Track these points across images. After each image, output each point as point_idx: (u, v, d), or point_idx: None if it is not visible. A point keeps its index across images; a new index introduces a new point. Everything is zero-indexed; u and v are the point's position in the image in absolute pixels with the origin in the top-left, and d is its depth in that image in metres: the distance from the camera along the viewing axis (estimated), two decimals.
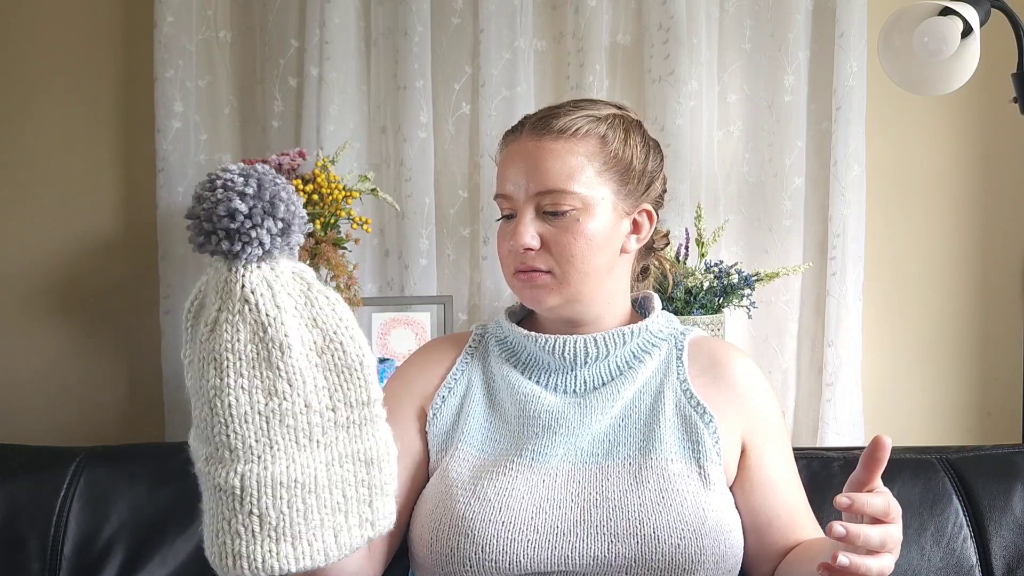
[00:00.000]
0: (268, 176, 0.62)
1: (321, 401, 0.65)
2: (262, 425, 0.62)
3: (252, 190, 0.60)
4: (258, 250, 0.61)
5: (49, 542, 1.21)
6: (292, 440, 0.63)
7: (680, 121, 1.81)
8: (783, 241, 1.86)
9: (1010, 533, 1.19)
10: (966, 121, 1.92)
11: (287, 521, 0.62)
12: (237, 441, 0.61)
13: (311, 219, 1.66)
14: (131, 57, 1.96)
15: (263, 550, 0.61)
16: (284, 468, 0.62)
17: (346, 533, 0.64)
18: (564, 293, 0.98)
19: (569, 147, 0.96)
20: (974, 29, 1.36)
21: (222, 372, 0.62)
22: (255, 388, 0.62)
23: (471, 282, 1.92)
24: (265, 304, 0.62)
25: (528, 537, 0.86)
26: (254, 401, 0.62)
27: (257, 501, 0.61)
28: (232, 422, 0.61)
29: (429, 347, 1.11)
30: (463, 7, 1.88)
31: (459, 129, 1.90)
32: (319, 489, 0.63)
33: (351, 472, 0.65)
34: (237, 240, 0.60)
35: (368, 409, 0.68)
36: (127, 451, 1.31)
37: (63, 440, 1.90)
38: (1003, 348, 1.93)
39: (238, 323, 0.62)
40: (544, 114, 1.00)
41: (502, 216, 1.00)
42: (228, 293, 0.62)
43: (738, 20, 1.87)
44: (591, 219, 0.96)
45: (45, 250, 1.98)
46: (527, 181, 0.95)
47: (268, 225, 0.61)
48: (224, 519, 0.62)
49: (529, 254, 0.96)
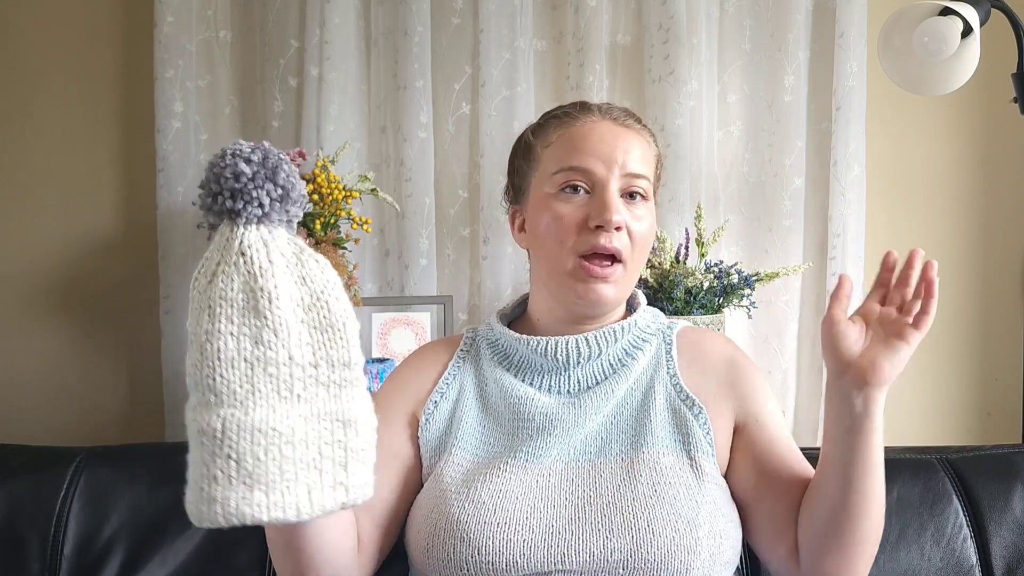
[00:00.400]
0: (273, 150, 0.68)
1: (304, 356, 0.68)
2: (247, 372, 0.65)
3: (257, 157, 0.66)
4: (258, 210, 0.67)
5: (49, 542, 1.21)
6: (274, 390, 0.66)
7: (680, 121, 1.81)
8: (783, 241, 1.86)
9: (1010, 533, 1.19)
10: (966, 121, 1.92)
11: (263, 469, 0.64)
12: (222, 385, 0.65)
13: (311, 219, 1.66)
14: (131, 57, 1.96)
15: (237, 495, 0.63)
16: (264, 416, 0.65)
17: (319, 492, 0.66)
18: (625, 286, 0.97)
19: (644, 139, 1.00)
20: (974, 29, 1.36)
21: (214, 317, 0.66)
22: (243, 335, 0.66)
23: (471, 282, 1.93)
24: (259, 257, 0.67)
25: (523, 537, 0.86)
26: (241, 347, 0.66)
27: (236, 444, 0.64)
28: (219, 365, 0.65)
29: (420, 353, 1.10)
30: (463, 7, 1.88)
31: (459, 129, 1.90)
32: (296, 441, 0.66)
33: (328, 430, 0.68)
34: (239, 199, 0.66)
35: (348, 371, 0.71)
36: (127, 451, 1.31)
37: (63, 440, 1.91)
38: (1003, 348, 1.93)
39: (232, 273, 0.67)
40: (609, 105, 1.01)
41: (565, 188, 0.95)
42: (227, 247, 0.67)
43: (738, 20, 1.87)
44: (651, 211, 0.99)
45: (45, 250, 1.98)
46: (621, 159, 0.94)
47: (268, 188, 0.66)
48: (203, 463, 0.65)
49: (617, 234, 0.93)
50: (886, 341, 0.81)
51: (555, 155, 0.97)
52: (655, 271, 1.64)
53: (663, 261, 1.64)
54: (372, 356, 1.80)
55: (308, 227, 1.66)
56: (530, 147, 1.01)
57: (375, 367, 1.70)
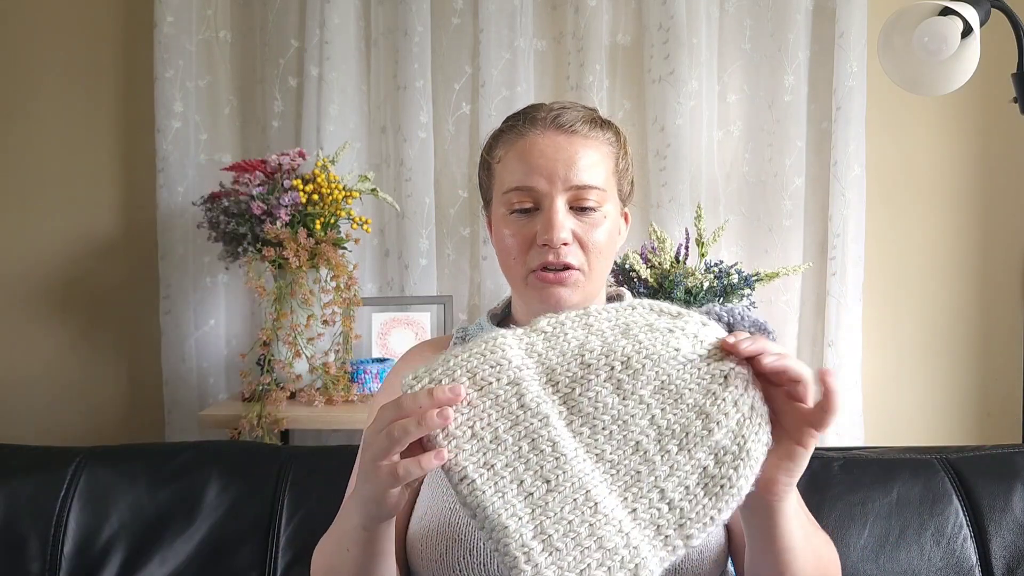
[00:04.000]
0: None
1: (675, 492, 0.67)
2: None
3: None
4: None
5: (49, 542, 1.21)
6: (637, 493, 0.67)
7: (680, 121, 1.81)
8: (783, 241, 1.86)
9: (1010, 533, 1.19)
10: (966, 121, 1.92)
11: (574, 540, 0.65)
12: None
13: (311, 219, 1.66)
14: (131, 57, 1.96)
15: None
16: (604, 495, 0.67)
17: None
18: (587, 290, 0.96)
19: (596, 145, 0.96)
20: (974, 29, 1.36)
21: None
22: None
23: (471, 282, 1.92)
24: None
25: None
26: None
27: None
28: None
29: (410, 356, 1.09)
30: (463, 7, 1.88)
31: (459, 129, 1.90)
32: (601, 541, 0.66)
33: (620, 560, 0.67)
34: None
35: (683, 541, 0.67)
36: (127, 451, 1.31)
37: (63, 440, 1.91)
38: (1003, 348, 1.93)
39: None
40: (558, 111, 0.97)
41: (514, 211, 0.95)
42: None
43: (738, 20, 1.87)
44: (609, 216, 0.96)
45: (45, 250, 1.98)
46: (563, 173, 0.93)
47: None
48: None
49: (565, 249, 0.92)
50: (784, 447, 0.69)
51: (504, 172, 0.96)
52: (655, 271, 1.64)
53: (663, 261, 1.64)
54: (372, 356, 1.80)
55: (308, 227, 1.66)
56: (487, 163, 1.01)
57: (375, 367, 1.70)
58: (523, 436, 0.65)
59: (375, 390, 1.63)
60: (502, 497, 0.63)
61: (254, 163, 1.70)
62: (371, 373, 1.68)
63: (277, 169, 1.69)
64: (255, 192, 1.65)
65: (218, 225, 1.68)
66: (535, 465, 0.64)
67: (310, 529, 1.21)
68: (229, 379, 1.93)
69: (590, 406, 0.67)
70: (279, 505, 1.23)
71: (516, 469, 0.64)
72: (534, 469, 0.64)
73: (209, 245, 1.84)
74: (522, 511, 0.63)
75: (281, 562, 1.21)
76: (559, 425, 0.66)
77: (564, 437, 0.66)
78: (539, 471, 0.64)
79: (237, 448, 1.34)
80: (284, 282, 1.64)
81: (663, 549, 0.64)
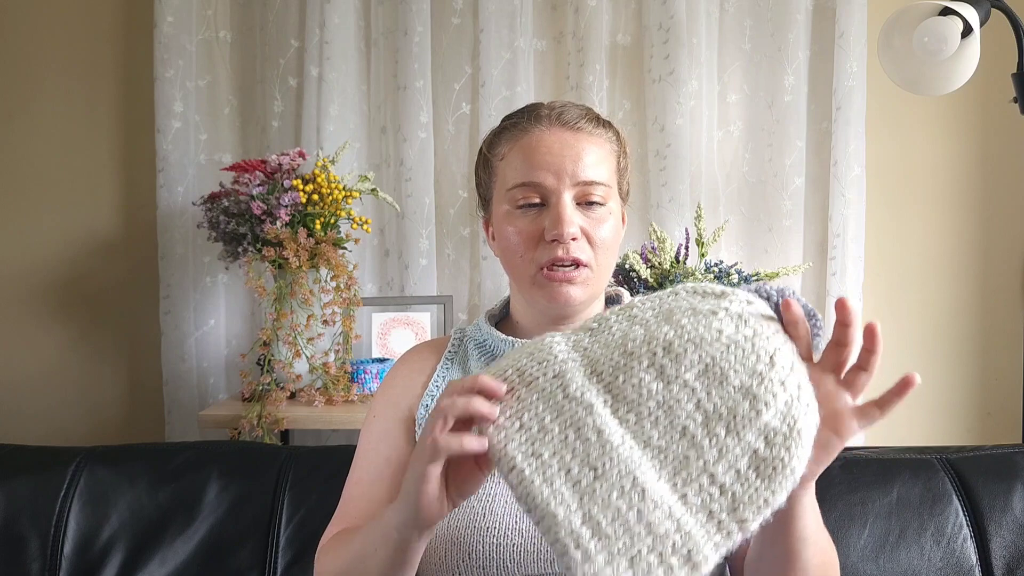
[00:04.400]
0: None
1: (725, 476, 0.66)
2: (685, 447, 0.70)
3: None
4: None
5: (49, 542, 1.21)
6: (683, 473, 0.67)
7: (680, 121, 1.81)
8: (783, 241, 1.86)
9: (1010, 533, 1.19)
10: (966, 121, 1.92)
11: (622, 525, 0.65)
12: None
13: (311, 219, 1.66)
14: (131, 57, 1.96)
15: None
16: (651, 480, 0.67)
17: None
18: (594, 288, 0.96)
19: (600, 142, 0.97)
20: (974, 29, 1.36)
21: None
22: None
23: (471, 282, 1.92)
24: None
25: (513, 541, 0.86)
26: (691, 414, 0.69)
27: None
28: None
29: (408, 357, 1.09)
30: (463, 7, 1.88)
31: (459, 129, 1.90)
32: (648, 527, 0.67)
33: (671, 548, 0.66)
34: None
35: (738, 526, 0.66)
36: (127, 451, 1.31)
37: (63, 440, 1.91)
38: (1003, 348, 1.93)
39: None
40: (560, 109, 0.97)
41: (519, 206, 0.94)
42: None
43: (738, 20, 1.87)
44: (614, 213, 0.96)
45: (45, 250, 1.98)
46: (570, 169, 0.93)
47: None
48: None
49: (574, 244, 0.92)
50: (819, 439, 0.68)
51: (508, 169, 0.96)
52: (655, 271, 1.64)
53: (663, 261, 1.64)
54: (372, 356, 1.80)
55: (308, 227, 1.66)
56: (487, 160, 1.00)
57: (375, 367, 1.70)
58: (569, 425, 0.66)
59: (375, 390, 1.63)
60: (550, 486, 0.64)
61: (254, 163, 1.70)
62: (371, 373, 1.68)
63: (277, 169, 1.69)
64: (255, 192, 1.65)
65: (218, 225, 1.68)
66: (582, 453, 0.65)
67: (310, 529, 1.21)
68: (229, 379, 1.93)
69: (634, 393, 0.67)
70: (279, 505, 1.24)
71: (563, 458, 0.65)
72: (581, 457, 0.65)
73: (209, 245, 1.84)
74: (570, 499, 0.63)
75: (281, 562, 1.21)
76: (604, 413, 0.66)
77: (610, 425, 0.66)
78: (586, 459, 0.64)
79: (237, 448, 1.34)
80: (284, 282, 1.64)
81: (717, 534, 0.63)
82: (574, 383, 0.68)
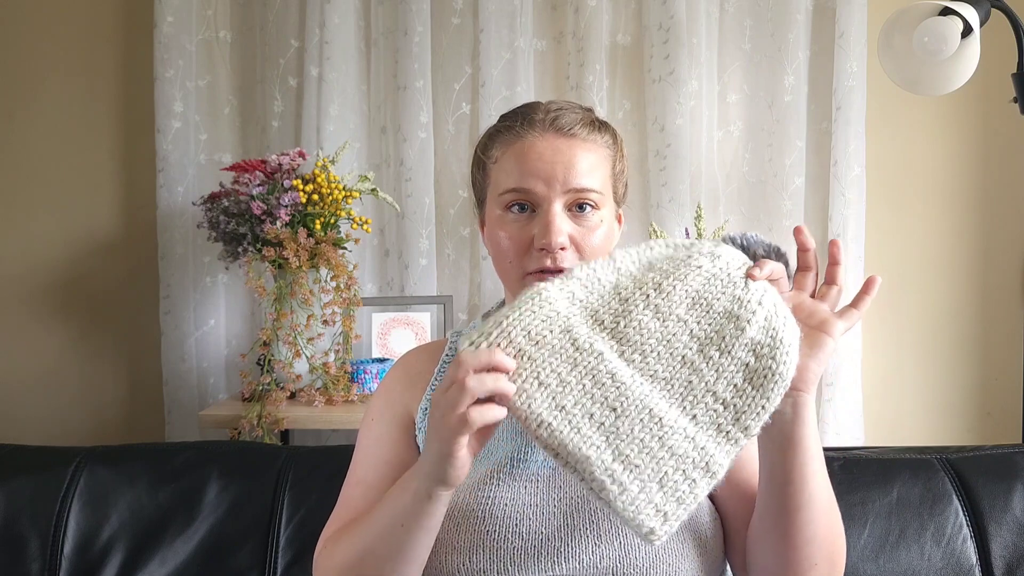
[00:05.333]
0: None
1: (726, 393, 0.76)
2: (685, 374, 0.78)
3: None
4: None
5: (49, 542, 1.21)
6: (686, 398, 0.76)
7: (680, 121, 1.81)
8: (783, 241, 1.86)
9: (1010, 533, 1.19)
10: (966, 121, 1.92)
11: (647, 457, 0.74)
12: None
13: (311, 219, 1.66)
14: (131, 57, 1.96)
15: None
16: (664, 408, 0.75)
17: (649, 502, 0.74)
18: None
19: (594, 148, 0.95)
20: (974, 29, 1.36)
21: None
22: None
23: (471, 282, 1.92)
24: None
25: (513, 544, 0.86)
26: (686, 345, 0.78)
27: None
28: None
29: (406, 360, 1.08)
30: (463, 7, 1.88)
31: (459, 129, 1.90)
32: (668, 449, 0.75)
33: (691, 463, 0.75)
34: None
35: (742, 433, 0.76)
36: (127, 451, 1.31)
37: (63, 440, 1.91)
38: (1003, 348, 1.93)
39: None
40: (556, 113, 0.96)
41: (510, 209, 0.93)
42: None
43: (738, 20, 1.87)
44: (606, 220, 0.95)
45: (45, 250, 1.98)
46: (561, 176, 0.91)
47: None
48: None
49: (562, 254, 0.91)
50: (809, 338, 0.78)
51: (500, 173, 0.95)
52: None
53: None
54: (372, 356, 1.80)
55: (308, 227, 1.66)
56: (482, 162, 1.00)
57: (375, 367, 1.70)
58: (584, 374, 0.72)
59: (375, 390, 1.63)
60: (578, 432, 0.70)
61: (254, 163, 1.70)
62: (371, 373, 1.68)
63: (277, 169, 1.69)
64: (255, 192, 1.65)
65: (218, 225, 1.68)
66: (600, 398, 0.71)
67: (310, 529, 1.21)
68: (229, 379, 1.93)
69: (636, 334, 0.74)
70: (279, 505, 1.24)
71: (585, 405, 0.71)
72: (600, 401, 0.71)
73: (209, 245, 1.84)
74: (598, 440, 0.70)
75: (281, 562, 1.21)
76: (613, 358, 0.73)
77: (620, 367, 0.73)
78: (605, 402, 0.71)
79: (237, 448, 1.34)
80: (284, 282, 1.64)
81: (727, 443, 0.72)
82: (581, 336, 0.73)
